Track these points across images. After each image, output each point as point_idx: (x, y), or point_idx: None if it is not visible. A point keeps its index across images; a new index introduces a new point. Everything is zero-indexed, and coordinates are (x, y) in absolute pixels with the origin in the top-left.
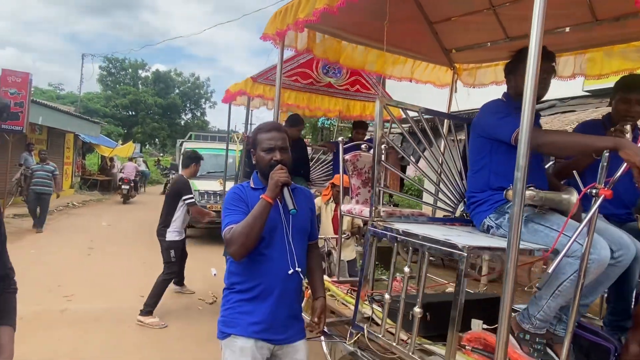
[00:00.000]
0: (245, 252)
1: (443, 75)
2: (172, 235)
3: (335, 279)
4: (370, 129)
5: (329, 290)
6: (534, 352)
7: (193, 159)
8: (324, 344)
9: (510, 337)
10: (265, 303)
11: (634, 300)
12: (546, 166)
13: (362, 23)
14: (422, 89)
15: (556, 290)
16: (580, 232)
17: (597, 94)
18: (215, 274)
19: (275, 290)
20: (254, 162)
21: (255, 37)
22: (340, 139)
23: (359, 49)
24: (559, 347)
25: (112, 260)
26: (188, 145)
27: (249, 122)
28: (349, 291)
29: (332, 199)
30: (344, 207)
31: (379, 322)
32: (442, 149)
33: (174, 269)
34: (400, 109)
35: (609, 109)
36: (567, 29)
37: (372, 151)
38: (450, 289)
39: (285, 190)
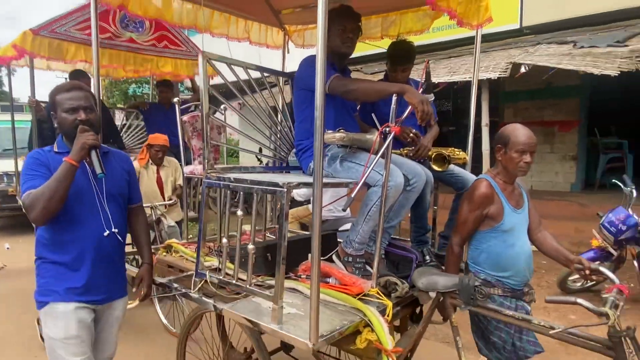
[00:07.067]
0: (48, 217)
1: (276, 37)
2: None
3: (184, 241)
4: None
5: (178, 252)
6: (356, 270)
7: None
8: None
9: (338, 261)
10: (83, 267)
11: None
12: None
13: None
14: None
15: (367, 216)
16: (377, 163)
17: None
18: (8, 248)
19: (91, 253)
20: (55, 125)
21: None
22: (175, 99)
23: (187, 5)
24: None
25: None
26: None
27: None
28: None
29: (150, 161)
30: (187, 169)
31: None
32: (267, 103)
33: None
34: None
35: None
36: None
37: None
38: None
39: (93, 154)
